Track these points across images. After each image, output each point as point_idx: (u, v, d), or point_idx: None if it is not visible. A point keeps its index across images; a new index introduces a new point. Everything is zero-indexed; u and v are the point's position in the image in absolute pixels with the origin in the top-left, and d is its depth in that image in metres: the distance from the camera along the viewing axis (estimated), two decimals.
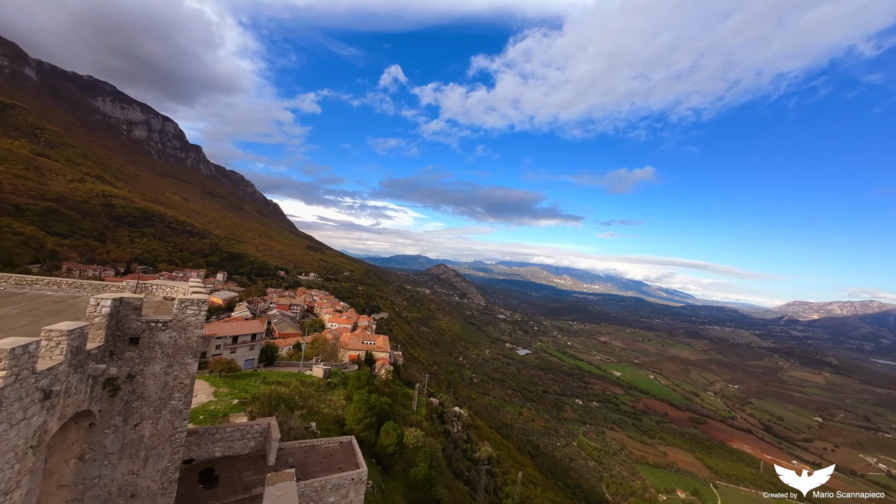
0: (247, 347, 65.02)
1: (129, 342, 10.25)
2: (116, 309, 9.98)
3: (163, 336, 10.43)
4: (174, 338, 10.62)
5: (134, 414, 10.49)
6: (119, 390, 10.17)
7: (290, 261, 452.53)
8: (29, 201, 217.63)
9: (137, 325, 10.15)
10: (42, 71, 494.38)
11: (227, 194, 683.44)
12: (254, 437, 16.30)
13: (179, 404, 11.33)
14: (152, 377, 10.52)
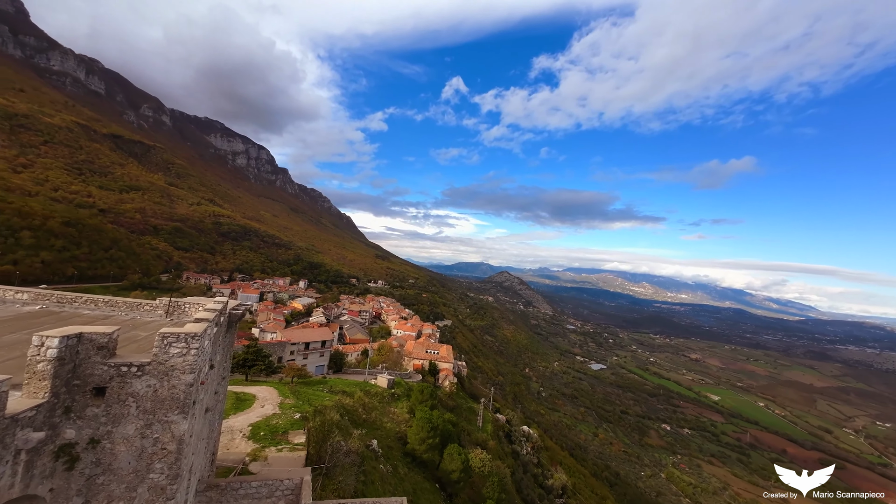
0: (317, 354, 67.46)
1: (93, 394, 7.67)
2: (71, 350, 7.61)
3: (138, 385, 7.73)
4: (154, 387, 7.80)
5: (99, 493, 7.63)
6: (78, 461, 7.62)
7: (360, 269, 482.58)
8: (162, 222, 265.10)
9: (103, 370, 7.58)
10: (174, 117, 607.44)
11: (308, 210, 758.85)
12: (283, 495, 14.37)
13: (162, 478, 7.92)
14: (124, 442, 7.75)
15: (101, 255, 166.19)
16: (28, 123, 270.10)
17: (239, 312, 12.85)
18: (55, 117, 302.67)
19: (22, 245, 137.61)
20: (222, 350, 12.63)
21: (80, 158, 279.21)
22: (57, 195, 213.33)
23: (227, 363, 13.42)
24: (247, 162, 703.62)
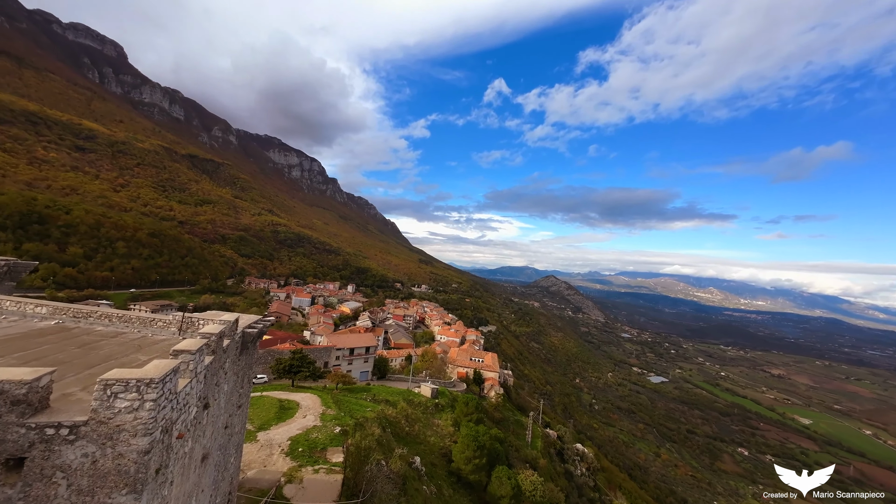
0: (362, 360, 67.46)
1: (5, 467, 5.41)
2: None
3: (70, 454, 5.45)
4: (92, 457, 5.52)
5: None
6: None
7: (404, 273, 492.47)
8: (229, 232, 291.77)
9: (19, 434, 5.32)
10: (239, 136, 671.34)
11: (355, 217, 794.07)
12: None
13: None
14: None
15: (179, 262, 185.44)
16: (125, 149, 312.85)
17: (255, 331, 11.25)
18: (145, 142, 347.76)
19: (117, 254, 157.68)
20: (235, 376, 11.06)
21: (164, 177, 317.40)
22: (146, 210, 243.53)
23: (243, 388, 11.94)
24: (301, 174, 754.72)
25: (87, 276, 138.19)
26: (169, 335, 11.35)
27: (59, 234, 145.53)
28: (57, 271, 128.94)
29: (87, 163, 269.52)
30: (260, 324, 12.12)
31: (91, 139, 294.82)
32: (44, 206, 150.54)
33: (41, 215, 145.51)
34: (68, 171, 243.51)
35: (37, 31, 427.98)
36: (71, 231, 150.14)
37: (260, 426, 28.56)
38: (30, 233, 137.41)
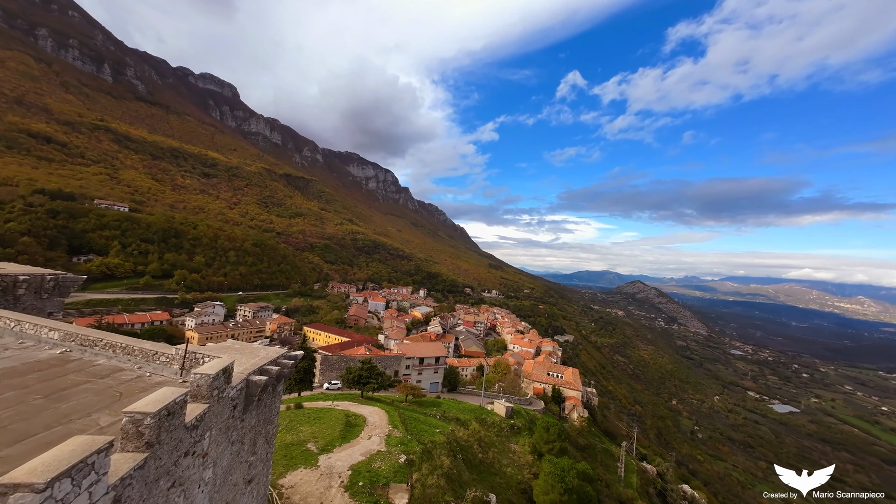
0: (431, 370, 64.92)
1: None
2: None
3: None
4: None
5: None
6: None
7: (474, 279, 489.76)
8: (316, 240, 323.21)
9: None
10: (324, 154, 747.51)
11: (426, 223, 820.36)
12: None
13: None
14: None
15: (276, 269, 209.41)
16: (237, 173, 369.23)
17: (268, 377, 8.07)
18: (252, 166, 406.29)
19: (229, 262, 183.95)
20: (236, 444, 7.97)
21: (266, 195, 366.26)
22: (252, 223, 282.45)
23: (256, 453, 8.95)
24: (376, 185, 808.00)
25: (207, 281, 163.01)
26: (171, 374, 8.85)
27: (189, 245, 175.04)
28: (186, 276, 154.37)
29: (211, 186, 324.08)
30: (278, 364, 8.99)
31: (213, 167, 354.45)
32: (178, 223, 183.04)
33: (177, 230, 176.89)
34: (198, 193, 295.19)
35: (178, 83, 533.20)
36: (197, 243, 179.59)
37: (323, 447, 26.75)
38: (169, 245, 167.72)
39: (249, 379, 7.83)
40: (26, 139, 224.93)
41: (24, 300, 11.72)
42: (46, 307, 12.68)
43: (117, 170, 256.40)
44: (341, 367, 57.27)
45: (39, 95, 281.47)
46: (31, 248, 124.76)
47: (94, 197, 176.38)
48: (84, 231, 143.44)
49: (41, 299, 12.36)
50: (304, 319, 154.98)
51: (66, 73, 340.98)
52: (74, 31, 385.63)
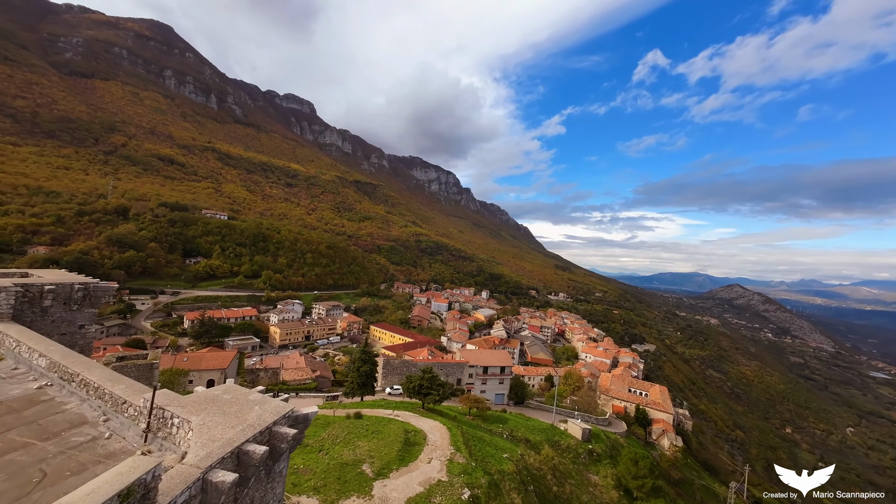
0: (496, 381, 60.44)
1: None
2: None
3: None
4: None
5: None
6: None
7: (539, 280, 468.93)
8: (382, 242, 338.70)
9: None
10: (390, 160, 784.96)
11: (488, 224, 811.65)
12: None
13: None
14: None
15: (346, 270, 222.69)
16: (314, 182, 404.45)
17: (251, 462, 5.11)
18: (327, 175, 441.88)
19: (306, 263, 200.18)
20: None
21: (338, 200, 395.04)
22: (326, 227, 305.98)
23: None
24: (438, 187, 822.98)
25: (288, 281, 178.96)
26: (134, 436, 6.39)
27: (273, 248, 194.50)
28: (271, 276, 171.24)
29: (293, 195, 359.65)
30: (272, 439, 5.84)
31: (295, 177, 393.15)
32: (266, 229, 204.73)
33: (264, 235, 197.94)
34: (282, 201, 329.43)
35: (267, 105, 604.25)
36: (280, 246, 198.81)
37: (379, 470, 24.35)
38: (258, 248, 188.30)
39: (207, 479, 4.87)
40: (156, 162, 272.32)
41: (52, 312, 11.09)
42: (77, 319, 12.04)
43: (220, 184, 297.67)
44: (403, 372, 55.98)
45: (165, 125, 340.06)
46: (157, 252, 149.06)
47: (202, 207, 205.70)
48: (194, 237, 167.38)
49: (71, 311, 11.70)
50: (371, 318, 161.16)
51: (184, 105, 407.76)
52: (190, 70, 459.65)
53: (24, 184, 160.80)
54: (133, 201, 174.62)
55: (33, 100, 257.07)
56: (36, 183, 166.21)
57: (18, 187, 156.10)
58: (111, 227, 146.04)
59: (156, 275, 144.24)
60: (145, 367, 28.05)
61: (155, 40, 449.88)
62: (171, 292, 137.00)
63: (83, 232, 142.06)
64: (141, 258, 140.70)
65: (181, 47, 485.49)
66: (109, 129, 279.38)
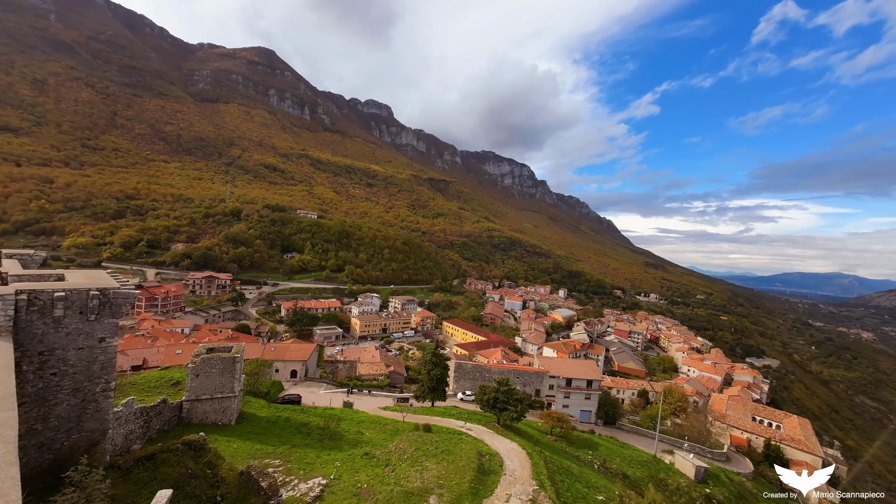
0: (582, 395, 52.95)
1: None
2: None
3: None
4: None
5: None
6: None
7: (625, 279, 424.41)
8: (455, 238, 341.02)
9: None
10: (462, 156, 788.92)
11: (566, 218, 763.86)
12: None
13: None
14: None
15: (420, 265, 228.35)
16: (391, 181, 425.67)
17: None
18: (403, 174, 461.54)
19: (384, 258, 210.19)
20: None
21: (413, 198, 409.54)
22: (402, 224, 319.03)
23: None
24: (511, 181, 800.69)
25: (368, 275, 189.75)
26: None
27: (355, 244, 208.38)
28: (353, 271, 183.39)
29: (372, 194, 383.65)
30: None
31: (374, 178, 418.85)
32: (349, 226, 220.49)
33: (347, 232, 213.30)
34: (363, 201, 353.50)
35: (350, 112, 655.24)
36: (360, 242, 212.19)
37: None
38: (342, 244, 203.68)
39: None
40: (263, 170, 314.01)
41: (66, 323, 9.96)
42: (96, 331, 10.85)
43: (312, 186, 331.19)
44: (476, 378, 52.34)
45: (270, 137, 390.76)
46: (261, 248, 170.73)
47: (297, 208, 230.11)
48: (290, 234, 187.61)
49: (88, 321, 10.51)
50: (444, 314, 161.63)
51: (284, 118, 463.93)
52: (288, 87, 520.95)
53: (170, 192, 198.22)
54: (244, 204, 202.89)
55: (177, 125, 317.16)
56: (178, 191, 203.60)
57: (167, 195, 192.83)
58: (228, 227, 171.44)
59: (260, 268, 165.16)
60: (228, 360, 29.01)
61: (262, 64, 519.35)
62: (272, 283, 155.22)
63: (208, 231, 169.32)
64: (249, 253, 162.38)
65: (281, 68, 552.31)
66: (229, 144, 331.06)
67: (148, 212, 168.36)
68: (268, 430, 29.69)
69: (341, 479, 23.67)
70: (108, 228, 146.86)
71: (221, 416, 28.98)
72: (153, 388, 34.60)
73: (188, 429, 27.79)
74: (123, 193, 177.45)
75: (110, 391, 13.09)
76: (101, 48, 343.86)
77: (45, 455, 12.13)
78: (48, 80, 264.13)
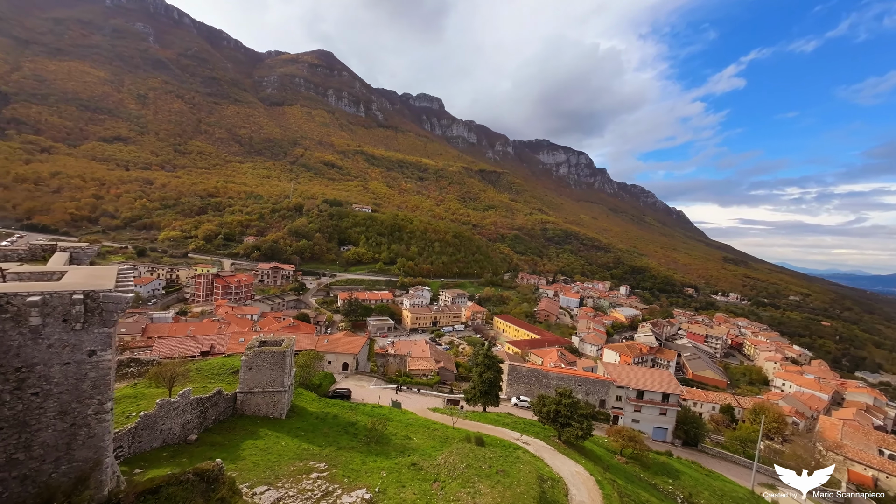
0: (656, 410, 46.21)
1: None
2: None
3: None
4: None
5: None
6: None
7: (699, 276, 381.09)
8: (506, 231, 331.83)
9: None
10: (514, 146, 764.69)
11: (628, 208, 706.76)
12: None
13: None
14: None
15: (471, 258, 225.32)
16: (442, 174, 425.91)
17: None
18: (453, 166, 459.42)
19: (434, 252, 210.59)
20: None
21: (464, 191, 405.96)
22: (453, 217, 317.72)
23: None
24: (567, 170, 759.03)
25: (419, 268, 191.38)
26: None
27: (406, 237, 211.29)
28: (405, 264, 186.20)
29: (423, 188, 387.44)
30: None
31: (425, 171, 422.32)
32: (400, 220, 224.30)
33: (399, 226, 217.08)
34: (415, 195, 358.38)
35: (403, 107, 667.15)
36: (412, 236, 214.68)
37: None
38: (394, 237, 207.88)
39: None
40: (322, 167, 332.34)
41: (47, 334, 8.40)
42: (84, 343, 9.21)
43: (367, 181, 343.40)
44: (531, 382, 48.21)
45: (329, 136, 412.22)
46: (320, 241, 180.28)
47: (352, 202, 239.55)
48: (346, 228, 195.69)
49: (73, 331, 8.91)
50: (495, 309, 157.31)
51: (341, 117, 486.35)
52: (345, 86, 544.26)
53: (244, 190, 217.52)
54: (306, 200, 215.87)
55: (250, 128, 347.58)
56: (250, 189, 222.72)
57: (241, 193, 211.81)
58: (291, 221, 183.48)
59: (319, 259, 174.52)
60: (278, 354, 28.77)
61: (321, 66, 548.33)
62: (330, 275, 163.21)
63: (275, 225, 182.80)
64: (310, 246, 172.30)
65: (339, 68, 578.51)
66: (293, 144, 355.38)
67: (225, 208, 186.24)
68: (316, 428, 28.98)
69: (386, 492, 21.71)
70: (193, 223, 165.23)
71: (272, 409, 28.87)
72: (216, 376, 36.12)
73: (242, 420, 28.00)
74: (206, 192, 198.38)
75: (106, 413, 11.09)
76: (189, 63, 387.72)
77: (30, 489, 10.47)
78: (148, 95, 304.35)
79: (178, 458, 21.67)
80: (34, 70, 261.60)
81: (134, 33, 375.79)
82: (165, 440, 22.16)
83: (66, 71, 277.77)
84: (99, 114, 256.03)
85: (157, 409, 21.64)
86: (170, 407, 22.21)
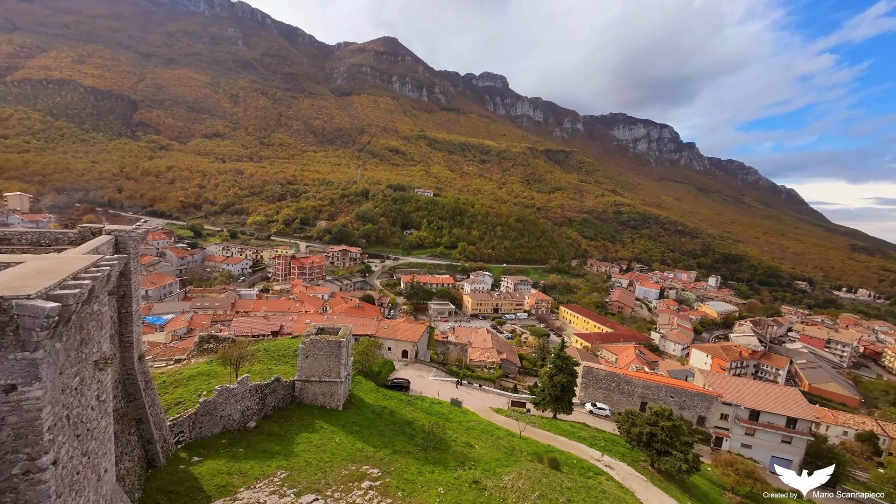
0: (777, 437, 37.00)
1: None
2: None
3: None
4: None
5: None
6: None
7: (815, 267, 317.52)
8: (574, 215, 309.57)
9: None
10: (585, 122, 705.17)
11: (721, 188, 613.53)
12: None
13: None
14: None
15: (535, 243, 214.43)
16: (505, 155, 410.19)
17: None
18: (517, 147, 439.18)
19: (496, 236, 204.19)
20: None
21: (528, 172, 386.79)
22: (515, 200, 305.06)
23: None
24: (647, 146, 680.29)
25: (480, 252, 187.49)
26: None
27: (468, 221, 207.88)
28: (466, 248, 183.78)
29: (486, 170, 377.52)
30: None
31: (487, 153, 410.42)
32: (462, 203, 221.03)
33: (461, 209, 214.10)
34: (477, 177, 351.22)
35: (466, 88, 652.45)
36: (473, 219, 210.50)
37: None
38: (455, 222, 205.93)
39: None
40: (387, 153, 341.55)
41: None
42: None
43: (429, 166, 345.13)
44: (610, 388, 42.02)
45: (393, 122, 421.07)
46: (385, 225, 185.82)
47: (415, 187, 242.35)
48: (409, 212, 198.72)
49: None
50: (561, 298, 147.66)
51: (405, 103, 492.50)
52: (409, 71, 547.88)
53: (317, 178, 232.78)
54: (371, 185, 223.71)
55: (322, 119, 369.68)
56: (322, 176, 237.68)
57: (314, 180, 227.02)
58: (358, 206, 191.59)
59: (384, 243, 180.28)
60: (334, 343, 27.60)
61: (386, 53, 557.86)
62: (393, 258, 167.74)
63: (344, 210, 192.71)
64: (375, 229, 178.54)
65: (402, 53, 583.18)
66: (360, 132, 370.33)
67: (301, 195, 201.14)
68: (372, 424, 27.45)
69: None
70: (275, 209, 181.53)
71: (329, 399, 27.99)
72: (281, 357, 36.97)
73: (300, 409, 27.52)
74: (285, 180, 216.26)
75: (42, 472, 7.17)
76: (271, 61, 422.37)
77: None
78: (239, 94, 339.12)
79: (235, 446, 21.36)
80: (154, 79, 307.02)
81: (226, 38, 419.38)
82: (226, 426, 22.13)
83: (177, 78, 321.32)
84: (201, 114, 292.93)
85: (216, 396, 21.56)
86: (228, 393, 22.02)
